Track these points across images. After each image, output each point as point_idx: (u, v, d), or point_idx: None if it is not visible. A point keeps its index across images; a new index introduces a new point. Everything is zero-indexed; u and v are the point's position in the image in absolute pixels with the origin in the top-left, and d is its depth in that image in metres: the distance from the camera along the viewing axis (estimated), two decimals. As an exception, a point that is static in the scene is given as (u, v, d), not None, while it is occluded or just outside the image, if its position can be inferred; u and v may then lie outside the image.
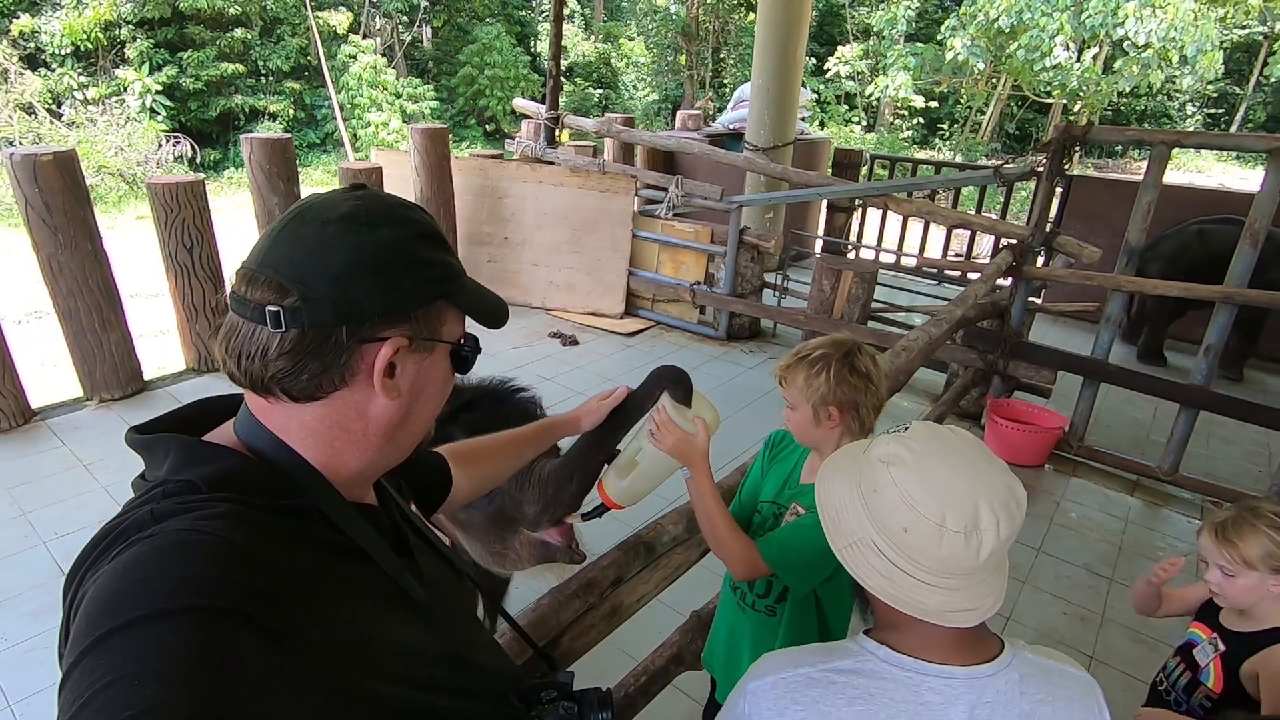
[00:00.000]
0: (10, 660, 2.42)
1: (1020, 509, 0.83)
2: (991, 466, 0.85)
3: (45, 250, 3.72)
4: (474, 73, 16.26)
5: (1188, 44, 12.11)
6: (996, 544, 0.80)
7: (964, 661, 0.85)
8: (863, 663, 0.87)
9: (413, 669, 0.68)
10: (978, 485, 0.82)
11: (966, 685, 0.84)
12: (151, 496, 0.62)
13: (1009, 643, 0.89)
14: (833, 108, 18.36)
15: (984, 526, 0.80)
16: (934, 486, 0.82)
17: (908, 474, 0.84)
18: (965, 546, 0.80)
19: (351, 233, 0.64)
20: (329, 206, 0.66)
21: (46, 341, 5.15)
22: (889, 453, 0.86)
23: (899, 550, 0.83)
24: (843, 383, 1.34)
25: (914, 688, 0.84)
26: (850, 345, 1.40)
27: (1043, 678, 0.86)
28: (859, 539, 0.87)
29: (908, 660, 0.85)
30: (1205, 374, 3.57)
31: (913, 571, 0.83)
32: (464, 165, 5.86)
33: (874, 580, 0.85)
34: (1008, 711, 0.83)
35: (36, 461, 3.54)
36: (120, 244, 4.89)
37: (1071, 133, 3.73)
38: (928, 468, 0.83)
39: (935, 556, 0.81)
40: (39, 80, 11.81)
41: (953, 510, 0.80)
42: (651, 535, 1.60)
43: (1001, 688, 0.84)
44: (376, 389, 0.67)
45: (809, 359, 1.38)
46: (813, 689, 0.85)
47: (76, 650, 0.50)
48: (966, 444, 0.87)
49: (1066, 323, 6.08)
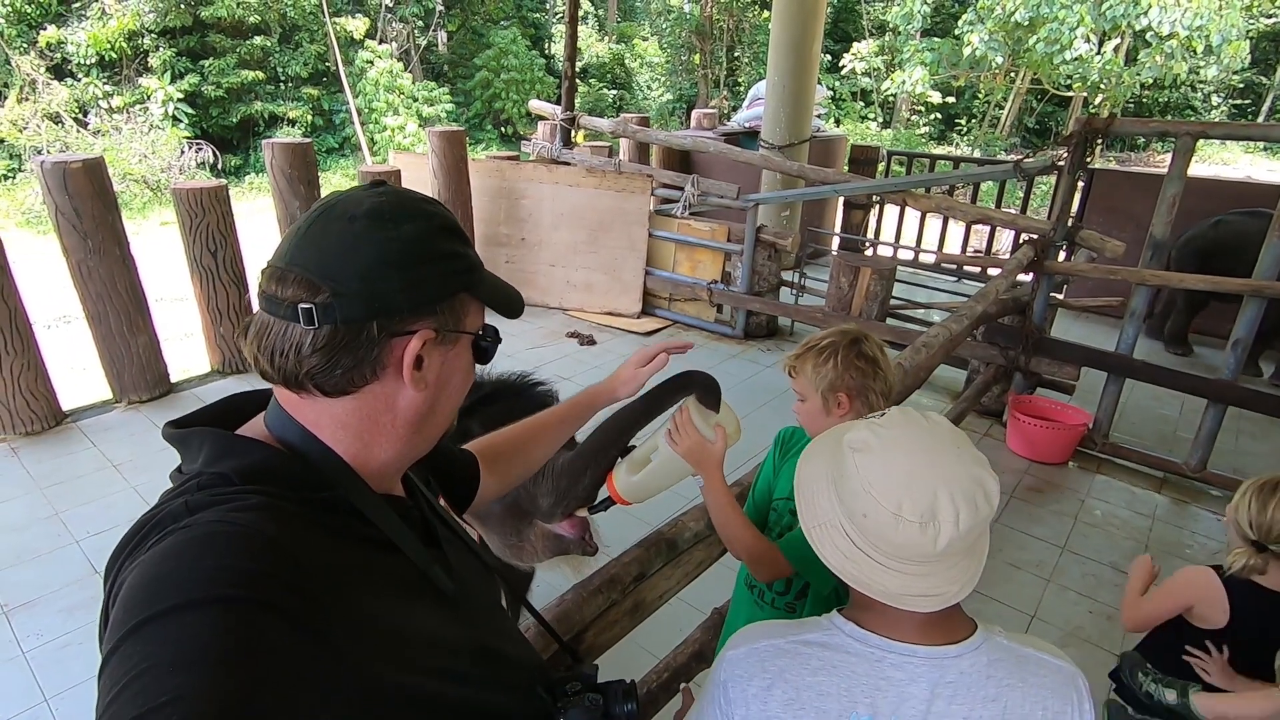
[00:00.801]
0: (45, 656, 2.47)
1: (988, 500, 0.83)
2: (959, 456, 0.85)
3: (75, 255, 3.80)
4: (489, 76, 16.35)
5: (1213, 33, 11.88)
6: (955, 534, 0.80)
7: (930, 642, 0.86)
8: (829, 636, 0.90)
9: (440, 661, 0.69)
10: (939, 474, 0.82)
11: (929, 664, 0.85)
12: (186, 488, 0.63)
13: (983, 627, 0.90)
14: (848, 104, 18.24)
15: (942, 517, 0.80)
16: (893, 475, 0.83)
17: (870, 461, 0.85)
18: (921, 535, 0.81)
19: (377, 229, 0.65)
20: (353, 203, 0.67)
21: (76, 345, 5.26)
22: (858, 438, 0.88)
23: (860, 533, 0.85)
24: (850, 368, 1.35)
25: (876, 663, 0.86)
26: (856, 333, 1.41)
27: (1015, 664, 0.87)
28: (827, 520, 0.90)
29: (873, 637, 0.88)
30: (1233, 369, 3.51)
31: (872, 555, 0.85)
32: (481, 167, 5.90)
33: (837, 561, 0.88)
34: (971, 693, 0.84)
35: (68, 462, 3.61)
36: (145, 249, 4.98)
37: (1094, 125, 3.68)
38: (889, 456, 0.85)
39: (891, 543, 0.83)
40: (65, 90, 12.05)
41: (909, 499, 0.81)
42: (673, 532, 1.60)
43: (966, 669, 0.85)
44: (405, 381, 0.68)
45: (816, 348, 1.39)
46: (781, 658, 0.88)
47: (115, 637, 0.51)
48: (936, 432, 0.88)
49: (1089, 318, 6.00)
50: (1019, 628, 2.73)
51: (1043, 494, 3.62)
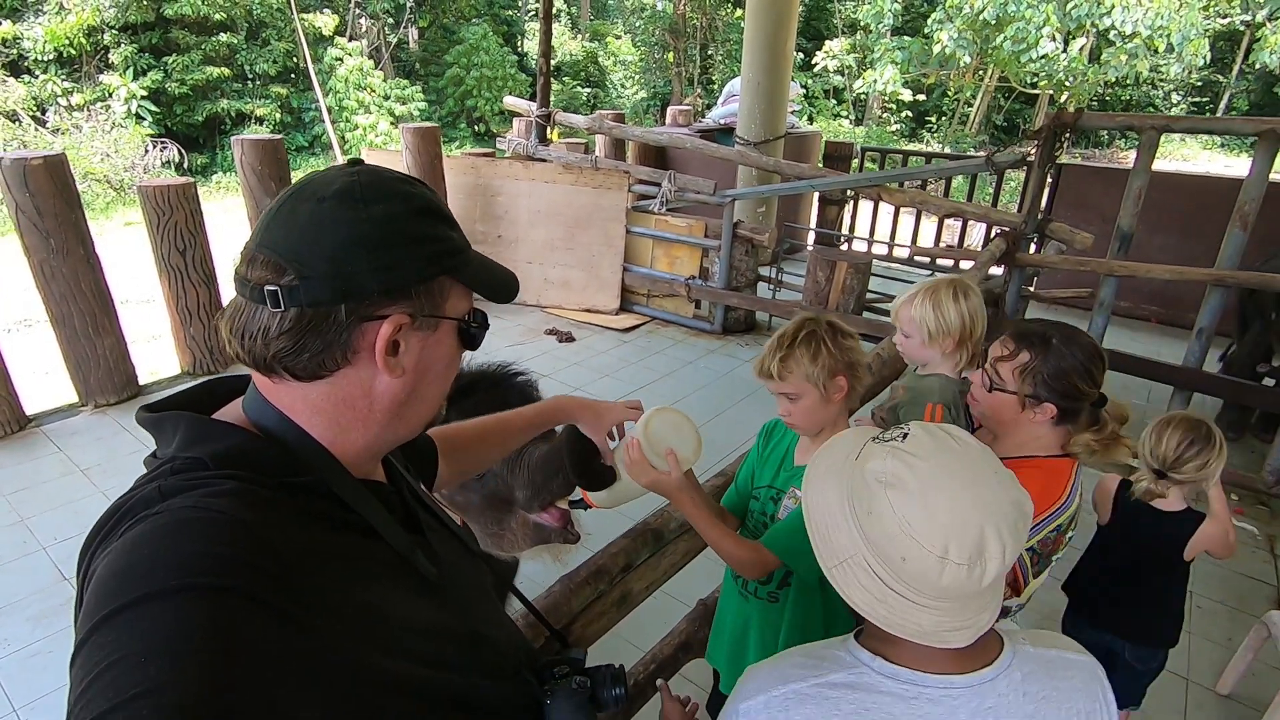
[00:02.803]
0: (14, 665, 2.40)
1: (1027, 524, 0.79)
2: (999, 484, 0.79)
3: (37, 256, 3.69)
4: (461, 73, 16.21)
5: (1173, 32, 12.19)
6: (1001, 568, 0.76)
7: (962, 669, 0.80)
8: (857, 675, 0.82)
9: (424, 646, 0.67)
10: (984, 510, 0.76)
11: (967, 694, 0.79)
12: (160, 473, 0.62)
13: (1008, 639, 0.85)
14: (821, 102, 18.40)
15: (989, 554, 0.75)
16: (937, 517, 0.75)
17: (907, 501, 0.77)
18: (968, 576, 0.75)
19: (347, 209, 0.64)
20: (325, 183, 0.65)
21: (38, 349, 5.11)
22: (887, 471, 0.79)
23: (895, 576, 0.78)
24: (841, 349, 1.37)
25: (911, 700, 0.80)
26: (820, 318, 1.43)
27: (1045, 672, 0.83)
28: (850, 558, 0.81)
29: (904, 672, 0.81)
30: (1197, 356, 3.61)
31: (908, 595, 0.78)
32: (456, 164, 5.84)
33: (865, 602, 0.80)
34: (1010, 713, 0.79)
35: (33, 468, 3.51)
36: (110, 250, 4.85)
37: (1063, 119, 3.76)
38: (929, 496, 0.76)
39: (935, 586, 0.76)
40: (22, 87, 11.70)
41: (956, 541, 0.74)
42: (659, 523, 1.61)
43: (1004, 690, 0.80)
44: (379, 366, 0.66)
45: (799, 343, 1.38)
46: (805, 705, 0.81)
47: (86, 627, 0.50)
48: (973, 459, 0.80)
49: (1060, 309, 6.12)
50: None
51: (1017, 482, 3.68)
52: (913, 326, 1.65)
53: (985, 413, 1.52)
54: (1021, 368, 1.43)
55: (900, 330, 1.71)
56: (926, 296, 1.63)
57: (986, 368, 1.50)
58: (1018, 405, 1.44)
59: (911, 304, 1.65)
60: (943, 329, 1.61)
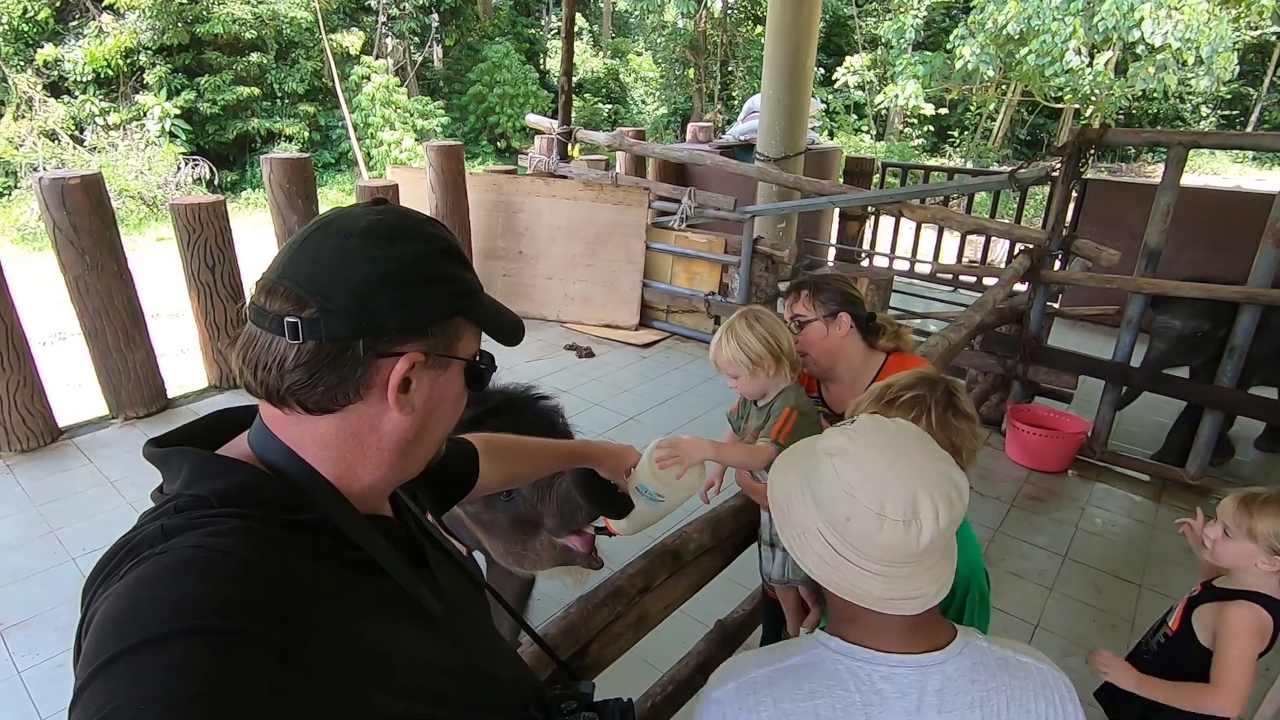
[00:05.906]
0: (41, 675, 2.45)
1: (961, 497, 0.86)
2: (931, 456, 0.89)
3: (73, 272, 3.79)
4: (484, 90, 16.44)
5: (1203, 44, 12.01)
6: (936, 531, 0.83)
7: (915, 649, 0.87)
8: (815, 655, 0.89)
9: (429, 683, 0.67)
10: (916, 474, 0.85)
11: (916, 673, 0.86)
12: (164, 511, 0.62)
13: (962, 631, 0.91)
14: (841, 117, 18.37)
15: (923, 514, 0.83)
16: (873, 476, 0.85)
17: (849, 464, 0.87)
18: (905, 533, 0.83)
19: (373, 247, 0.64)
20: (351, 220, 0.66)
21: (71, 362, 5.24)
22: (833, 444, 0.90)
23: (842, 538, 0.86)
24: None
25: (866, 677, 0.86)
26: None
27: (997, 666, 0.88)
28: (806, 529, 0.90)
29: (859, 650, 0.88)
30: (1231, 376, 3.52)
31: (856, 560, 0.86)
32: (478, 181, 5.92)
33: (820, 569, 0.88)
34: (958, 698, 0.85)
35: (64, 479, 3.59)
36: (142, 265, 4.97)
37: (1087, 135, 3.72)
38: (867, 458, 0.87)
39: (876, 544, 0.84)
40: (62, 107, 12.09)
41: (892, 499, 0.83)
42: (677, 544, 1.60)
43: (951, 674, 0.86)
44: (391, 404, 0.66)
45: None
46: (773, 687, 0.87)
47: (85, 672, 0.50)
48: (907, 435, 0.92)
49: (1086, 326, 6.02)
50: (1023, 637, 2.71)
51: (1043, 503, 3.62)
52: (733, 367, 1.70)
53: (812, 356, 1.83)
54: (809, 298, 1.83)
55: (727, 376, 1.76)
56: (727, 337, 1.69)
57: (788, 319, 1.83)
58: (824, 328, 1.81)
59: (719, 350, 1.71)
60: (754, 356, 1.66)
